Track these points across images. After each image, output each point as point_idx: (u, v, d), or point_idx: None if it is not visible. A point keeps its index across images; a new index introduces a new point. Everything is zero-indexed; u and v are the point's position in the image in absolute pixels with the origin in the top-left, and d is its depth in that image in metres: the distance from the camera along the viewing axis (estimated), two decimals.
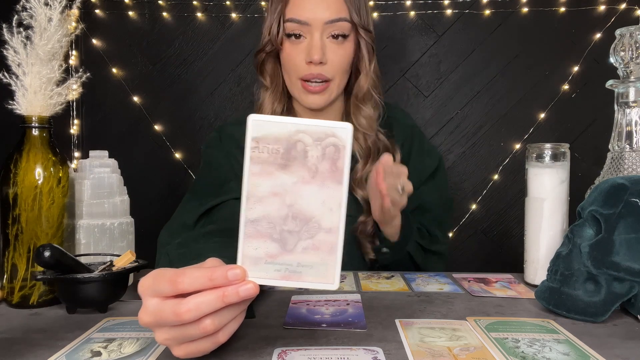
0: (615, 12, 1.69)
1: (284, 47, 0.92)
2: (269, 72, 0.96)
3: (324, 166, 0.43)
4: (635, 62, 0.76)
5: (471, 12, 1.73)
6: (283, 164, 0.42)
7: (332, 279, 0.44)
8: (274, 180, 0.42)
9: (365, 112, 0.95)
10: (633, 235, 0.58)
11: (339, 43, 0.90)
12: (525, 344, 0.52)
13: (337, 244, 0.44)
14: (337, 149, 0.43)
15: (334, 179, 0.43)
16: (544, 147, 0.75)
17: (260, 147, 0.42)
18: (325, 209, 0.43)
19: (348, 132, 0.42)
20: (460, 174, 1.77)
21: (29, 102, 0.69)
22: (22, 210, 0.66)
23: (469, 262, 1.78)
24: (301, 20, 0.88)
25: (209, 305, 0.40)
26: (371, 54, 0.94)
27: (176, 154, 1.77)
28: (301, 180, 0.43)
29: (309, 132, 0.42)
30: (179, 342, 0.42)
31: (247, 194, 0.42)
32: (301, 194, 0.43)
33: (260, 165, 0.42)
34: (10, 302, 0.66)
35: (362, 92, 0.94)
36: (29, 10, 0.68)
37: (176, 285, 0.40)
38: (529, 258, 0.77)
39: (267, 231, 0.43)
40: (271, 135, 0.42)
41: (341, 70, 0.92)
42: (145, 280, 0.42)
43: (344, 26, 0.89)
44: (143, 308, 0.42)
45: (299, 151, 0.42)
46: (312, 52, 0.87)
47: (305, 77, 0.90)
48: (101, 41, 1.76)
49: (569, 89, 1.71)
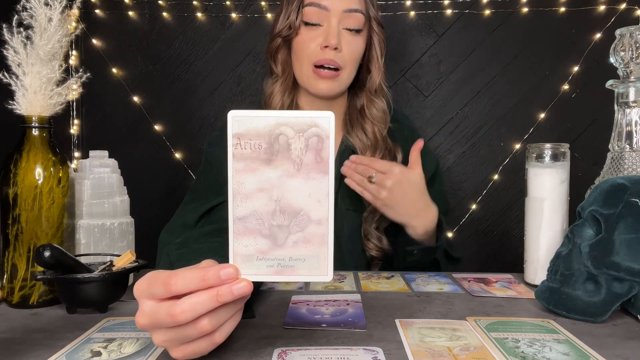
0: (615, 12, 1.69)
1: (299, 33, 0.93)
2: (281, 60, 0.98)
3: (308, 158, 0.42)
4: (635, 62, 0.76)
5: (471, 12, 1.73)
6: (267, 159, 0.42)
7: (325, 270, 0.44)
8: (259, 176, 0.42)
9: (378, 104, 0.99)
10: (633, 235, 0.58)
11: (352, 35, 0.93)
12: (525, 344, 0.52)
13: (327, 235, 0.43)
14: (321, 139, 0.42)
15: (320, 169, 0.43)
16: (544, 147, 0.75)
17: (242, 143, 0.41)
18: (313, 200, 0.43)
19: (330, 121, 0.42)
20: (460, 174, 1.77)
21: (29, 102, 0.69)
22: (22, 210, 0.66)
23: (469, 262, 1.77)
24: (321, 5, 0.90)
25: (204, 305, 0.40)
26: (383, 49, 0.98)
27: (176, 154, 1.77)
28: (286, 173, 0.42)
29: (291, 124, 0.42)
30: (176, 344, 0.42)
31: (233, 192, 0.42)
32: (287, 187, 0.42)
33: (244, 161, 0.42)
34: (10, 302, 0.66)
35: (375, 86, 0.98)
36: (29, 10, 0.68)
37: (169, 287, 0.40)
38: (529, 258, 0.77)
39: (256, 228, 0.43)
40: (253, 130, 0.41)
41: (352, 61, 0.94)
42: (140, 284, 0.42)
43: (360, 18, 0.92)
44: (139, 311, 0.42)
45: (282, 144, 0.42)
46: (329, 37, 0.89)
47: (318, 61, 0.91)
48: (101, 41, 1.76)
49: (569, 89, 1.71)
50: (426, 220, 0.86)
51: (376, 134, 0.97)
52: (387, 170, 0.83)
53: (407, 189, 0.83)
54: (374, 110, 0.98)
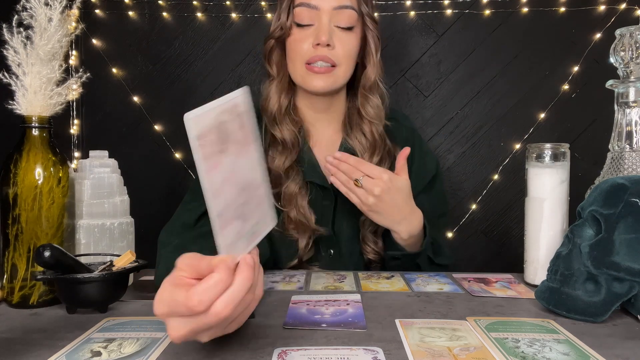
0: (615, 12, 1.69)
1: (292, 34, 0.93)
2: (276, 61, 0.97)
3: (242, 134, 0.45)
4: (635, 62, 0.76)
5: (471, 12, 1.73)
6: (220, 149, 0.43)
7: (271, 218, 0.50)
8: (221, 168, 0.43)
9: (373, 101, 0.97)
10: (633, 235, 0.58)
11: (345, 32, 0.92)
12: (525, 344, 0.52)
13: (267, 190, 0.49)
14: (243, 113, 0.45)
15: (249, 140, 0.46)
16: (544, 147, 0.75)
17: (203, 142, 0.41)
18: (253, 169, 0.47)
19: (245, 92, 0.45)
20: (460, 174, 1.77)
21: (29, 102, 0.69)
22: (22, 210, 0.66)
23: (469, 262, 1.77)
24: (310, 4, 0.90)
25: (237, 295, 0.42)
26: (377, 45, 0.96)
27: (176, 154, 1.77)
28: (235, 155, 0.44)
29: (224, 109, 0.43)
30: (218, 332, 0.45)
31: (209, 192, 0.42)
32: (239, 167, 0.45)
33: (210, 159, 0.42)
34: (10, 302, 0.66)
35: (370, 82, 0.97)
36: (29, 10, 0.68)
37: (193, 309, 0.41)
38: (529, 258, 0.77)
39: (231, 215, 0.44)
40: (206, 127, 0.41)
41: (347, 58, 0.93)
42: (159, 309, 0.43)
43: (351, 15, 0.91)
44: (172, 327, 0.43)
45: (224, 130, 0.43)
46: (320, 34, 0.89)
47: (311, 59, 0.91)
48: (101, 41, 1.76)
49: (569, 89, 1.71)
50: (411, 226, 0.86)
51: (374, 133, 0.96)
52: (375, 176, 0.82)
53: (395, 195, 0.83)
54: (368, 107, 0.97)
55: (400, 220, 0.85)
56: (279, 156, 0.93)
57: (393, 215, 0.85)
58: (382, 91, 0.99)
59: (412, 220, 0.86)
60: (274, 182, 0.93)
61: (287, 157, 0.93)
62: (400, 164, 0.87)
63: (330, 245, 0.96)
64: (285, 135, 0.94)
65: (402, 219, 0.85)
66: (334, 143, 0.99)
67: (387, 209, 0.84)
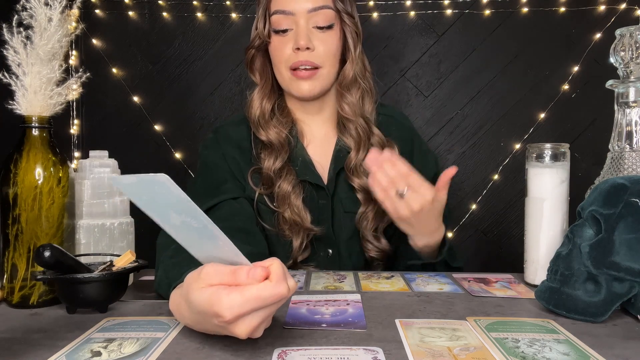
0: (615, 12, 1.69)
1: (272, 42, 0.94)
2: (258, 68, 0.98)
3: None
4: (635, 62, 0.76)
5: (471, 12, 1.73)
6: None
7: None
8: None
9: (347, 98, 0.97)
10: (633, 235, 0.58)
11: (324, 32, 0.92)
12: (525, 344, 0.52)
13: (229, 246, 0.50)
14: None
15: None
16: (544, 147, 0.75)
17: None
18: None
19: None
20: (460, 174, 1.77)
21: (29, 102, 0.68)
22: (22, 210, 0.66)
23: (469, 262, 1.77)
24: (285, 11, 0.91)
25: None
26: (356, 41, 0.96)
27: (176, 154, 1.78)
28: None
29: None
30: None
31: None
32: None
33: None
34: (10, 302, 0.66)
35: (347, 80, 0.96)
36: (29, 10, 0.68)
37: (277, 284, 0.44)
38: (529, 258, 0.77)
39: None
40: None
41: (329, 58, 0.93)
42: (230, 313, 0.44)
43: (328, 14, 0.92)
44: (243, 326, 0.45)
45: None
46: (298, 39, 0.90)
47: (294, 64, 0.91)
48: (101, 41, 1.76)
49: (569, 89, 1.71)
50: (431, 239, 0.87)
51: (359, 130, 0.96)
52: (420, 192, 0.78)
53: (430, 214, 0.82)
54: (344, 105, 0.96)
55: (426, 233, 0.85)
56: (268, 157, 0.93)
57: (421, 229, 0.84)
58: (368, 86, 0.98)
59: (435, 235, 0.87)
60: (266, 184, 0.93)
61: (277, 157, 0.93)
62: (443, 181, 0.83)
63: (328, 245, 0.96)
64: (272, 137, 0.94)
65: (429, 233, 0.86)
66: (329, 141, 0.99)
67: (418, 224, 0.82)
